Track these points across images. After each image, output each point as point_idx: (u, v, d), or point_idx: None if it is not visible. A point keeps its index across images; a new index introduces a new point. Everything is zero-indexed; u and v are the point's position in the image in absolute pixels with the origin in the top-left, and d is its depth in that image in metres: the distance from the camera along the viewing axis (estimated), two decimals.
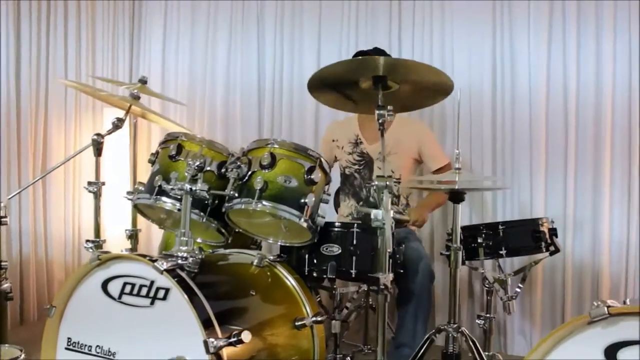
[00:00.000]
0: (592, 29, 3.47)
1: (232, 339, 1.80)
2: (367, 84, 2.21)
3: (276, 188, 2.15)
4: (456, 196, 2.34)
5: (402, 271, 2.52)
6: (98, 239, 2.66)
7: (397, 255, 2.50)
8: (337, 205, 3.35)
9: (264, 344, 2.04)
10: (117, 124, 2.71)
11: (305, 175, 2.19)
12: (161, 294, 1.91)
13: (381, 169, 2.01)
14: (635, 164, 3.37)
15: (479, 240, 2.57)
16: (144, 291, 1.94)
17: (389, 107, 2.07)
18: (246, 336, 1.82)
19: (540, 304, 3.54)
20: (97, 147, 2.68)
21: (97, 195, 2.70)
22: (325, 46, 4.05)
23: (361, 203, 3.11)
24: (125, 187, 3.95)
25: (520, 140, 3.62)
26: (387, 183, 1.94)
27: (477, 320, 2.70)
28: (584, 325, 1.44)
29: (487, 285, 2.64)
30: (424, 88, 2.26)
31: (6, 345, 2.67)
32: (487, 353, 2.61)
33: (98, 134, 2.69)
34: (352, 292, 2.73)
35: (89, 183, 2.70)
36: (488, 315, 2.68)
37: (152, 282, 1.93)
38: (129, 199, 2.68)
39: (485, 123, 3.67)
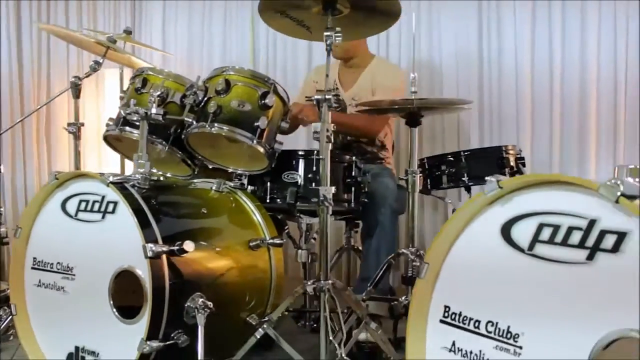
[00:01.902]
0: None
1: (174, 247, 1.86)
2: (317, 8, 2.21)
3: (230, 112, 2.20)
4: (412, 118, 2.34)
5: (366, 201, 2.54)
6: None
7: (362, 185, 2.52)
8: None
9: (216, 261, 2.09)
10: (95, 67, 2.77)
11: (260, 100, 2.23)
12: (111, 207, 1.98)
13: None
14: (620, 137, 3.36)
15: (442, 167, 2.56)
16: (96, 206, 2.02)
17: (337, 29, 2.09)
18: (189, 246, 1.87)
19: None
20: (76, 89, 2.78)
21: (76, 136, 2.80)
22: None
23: None
24: None
25: (506, 108, 3.60)
26: (326, 97, 1.97)
27: None
28: (485, 205, 1.43)
29: None
30: (373, 12, 2.25)
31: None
32: None
33: (76, 77, 2.79)
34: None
35: (69, 124, 2.80)
36: None
37: (103, 197, 2.01)
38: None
39: (472, 95, 3.65)
